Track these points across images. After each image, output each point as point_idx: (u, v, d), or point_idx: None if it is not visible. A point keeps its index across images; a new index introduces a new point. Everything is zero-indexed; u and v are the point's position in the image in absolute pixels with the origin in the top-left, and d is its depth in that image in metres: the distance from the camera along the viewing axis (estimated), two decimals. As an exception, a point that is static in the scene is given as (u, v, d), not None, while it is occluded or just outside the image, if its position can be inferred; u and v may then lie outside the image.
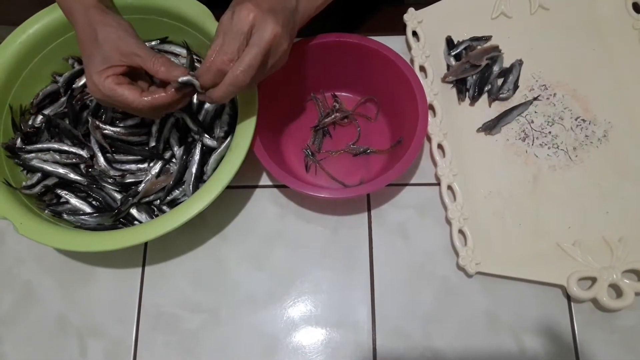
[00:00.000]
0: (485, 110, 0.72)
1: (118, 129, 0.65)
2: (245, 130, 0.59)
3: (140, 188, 0.64)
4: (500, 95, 0.72)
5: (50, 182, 0.64)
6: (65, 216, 0.63)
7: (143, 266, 0.67)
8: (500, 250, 0.64)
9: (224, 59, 0.50)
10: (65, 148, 0.65)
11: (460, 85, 0.72)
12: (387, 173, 0.59)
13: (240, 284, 0.66)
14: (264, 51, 0.49)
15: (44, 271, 0.67)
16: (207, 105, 0.67)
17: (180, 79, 0.51)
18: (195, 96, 0.64)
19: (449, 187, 0.67)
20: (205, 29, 0.64)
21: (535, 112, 0.72)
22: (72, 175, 0.64)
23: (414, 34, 0.75)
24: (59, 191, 0.65)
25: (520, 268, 0.63)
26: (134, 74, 0.54)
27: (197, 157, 0.64)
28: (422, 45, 0.74)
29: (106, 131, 0.65)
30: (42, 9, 0.65)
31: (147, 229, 0.57)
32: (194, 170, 0.64)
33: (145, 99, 0.51)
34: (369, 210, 0.68)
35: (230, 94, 0.51)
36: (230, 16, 0.50)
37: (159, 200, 0.65)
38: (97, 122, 0.65)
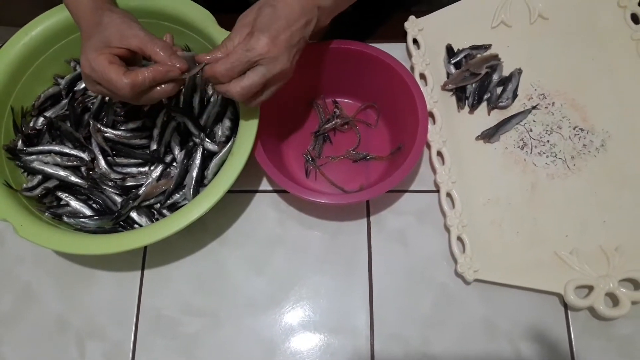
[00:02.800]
0: (484, 118, 0.73)
1: (119, 132, 0.65)
2: (247, 135, 0.59)
3: (140, 191, 0.64)
4: (500, 104, 0.72)
5: (50, 184, 0.64)
6: (65, 219, 0.63)
7: (142, 269, 0.67)
8: (498, 258, 0.65)
9: (222, 72, 0.51)
10: (66, 150, 0.65)
11: (460, 93, 0.73)
12: (387, 180, 0.60)
13: (239, 289, 0.66)
14: (265, 82, 0.53)
15: (43, 273, 0.67)
16: (209, 109, 0.67)
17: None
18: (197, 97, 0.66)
19: (448, 194, 0.67)
20: (207, 33, 0.64)
21: (534, 120, 0.72)
22: (73, 178, 0.64)
23: (415, 41, 0.75)
24: (59, 193, 0.65)
25: (517, 276, 0.63)
26: (133, 62, 0.54)
27: (198, 161, 0.64)
28: (423, 53, 0.74)
29: (107, 134, 0.65)
30: (45, 11, 0.65)
31: (147, 232, 0.57)
32: (194, 174, 0.64)
33: (125, 80, 0.50)
34: (368, 216, 0.69)
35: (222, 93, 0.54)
36: (248, 39, 0.51)
37: (159, 204, 0.65)
38: (99, 125, 0.65)
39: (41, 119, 0.68)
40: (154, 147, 0.66)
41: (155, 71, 0.50)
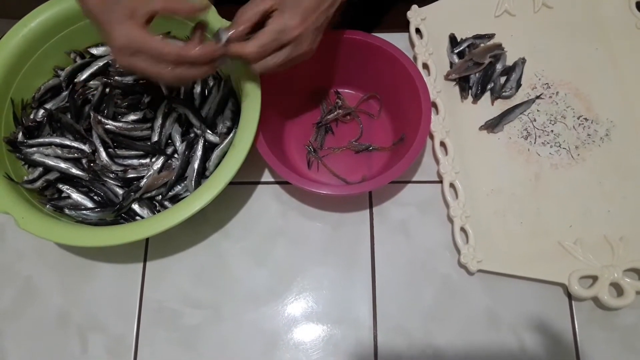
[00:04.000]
0: (488, 108, 0.72)
1: (120, 124, 0.65)
2: (248, 126, 0.59)
3: (142, 183, 0.63)
4: (503, 94, 0.72)
5: (51, 176, 0.64)
6: (66, 211, 0.63)
7: (144, 262, 0.67)
8: (502, 249, 0.64)
9: (252, 55, 0.52)
10: (67, 142, 0.65)
11: (463, 83, 0.72)
12: (389, 170, 0.59)
13: (241, 280, 0.66)
14: (286, 60, 0.53)
15: (45, 266, 0.67)
16: (210, 100, 0.67)
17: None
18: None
19: (451, 185, 0.67)
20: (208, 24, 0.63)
21: (538, 110, 0.72)
22: (74, 170, 0.64)
23: (418, 31, 0.75)
24: (60, 186, 0.64)
25: (521, 266, 0.63)
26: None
27: (199, 152, 0.64)
28: (426, 42, 0.73)
29: (108, 126, 0.65)
30: (43, 3, 0.65)
31: (149, 224, 0.57)
32: (196, 166, 0.63)
33: (173, 45, 0.48)
34: (370, 207, 0.68)
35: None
36: (279, 17, 0.51)
37: (160, 196, 0.65)
38: (99, 117, 0.65)
39: (41, 111, 0.67)
40: (155, 138, 0.65)
41: (205, 49, 0.50)
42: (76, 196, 0.64)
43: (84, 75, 0.68)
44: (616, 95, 0.72)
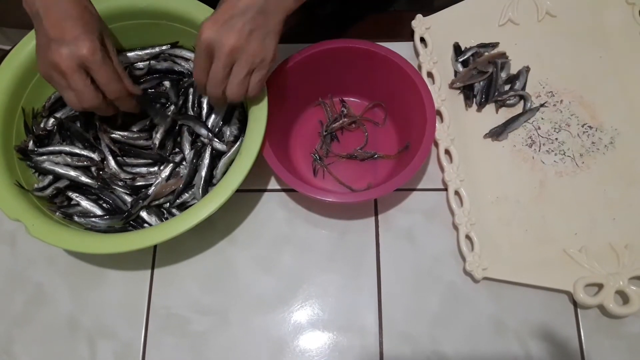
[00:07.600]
0: (492, 116, 0.72)
1: (126, 133, 0.66)
2: (255, 134, 0.60)
3: (150, 191, 0.64)
4: (507, 102, 0.72)
5: (61, 184, 0.65)
6: (76, 218, 0.63)
7: (152, 268, 0.68)
8: (507, 256, 0.64)
9: (197, 76, 0.56)
10: (77, 151, 0.66)
11: (468, 92, 0.73)
12: (394, 178, 0.60)
13: (248, 287, 0.66)
14: (225, 64, 0.53)
15: (55, 273, 0.68)
16: (217, 109, 0.68)
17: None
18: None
19: (456, 193, 0.67)
20: None
21: (542, 118, 0.72)
22: (83, 178, 0.65)
23: (422, 40, 0.75)
24: (70, 193, 0.65)
25: (526, 274, 0.63)
26: None
27: (207, 160, 0.64)
28: (430, 51, 0.74)
29: (114, 135, 0.66)
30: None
31: (157, 231, 0.57)
32: (203, 173, 0.64)
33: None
34: (376, 214, 0.69)
35: (218, 102, 0.58)
36: (199, 35, 0.53)
37: (168, 204, 0.66)
38: (106, 126, 0.66)
39: (52, 120, 0.68)
40: (157, 142, 0.66)
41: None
42: (85, 204, 0.65)
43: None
44: (620, 103, 0.72)
